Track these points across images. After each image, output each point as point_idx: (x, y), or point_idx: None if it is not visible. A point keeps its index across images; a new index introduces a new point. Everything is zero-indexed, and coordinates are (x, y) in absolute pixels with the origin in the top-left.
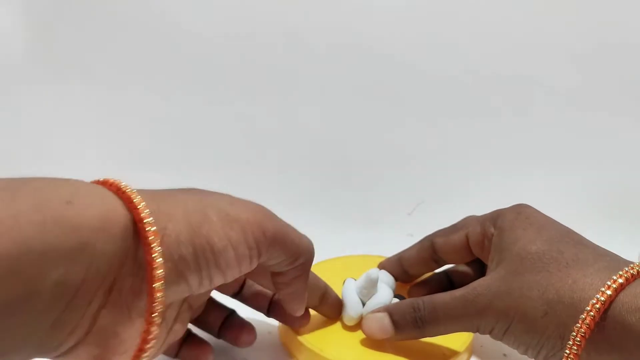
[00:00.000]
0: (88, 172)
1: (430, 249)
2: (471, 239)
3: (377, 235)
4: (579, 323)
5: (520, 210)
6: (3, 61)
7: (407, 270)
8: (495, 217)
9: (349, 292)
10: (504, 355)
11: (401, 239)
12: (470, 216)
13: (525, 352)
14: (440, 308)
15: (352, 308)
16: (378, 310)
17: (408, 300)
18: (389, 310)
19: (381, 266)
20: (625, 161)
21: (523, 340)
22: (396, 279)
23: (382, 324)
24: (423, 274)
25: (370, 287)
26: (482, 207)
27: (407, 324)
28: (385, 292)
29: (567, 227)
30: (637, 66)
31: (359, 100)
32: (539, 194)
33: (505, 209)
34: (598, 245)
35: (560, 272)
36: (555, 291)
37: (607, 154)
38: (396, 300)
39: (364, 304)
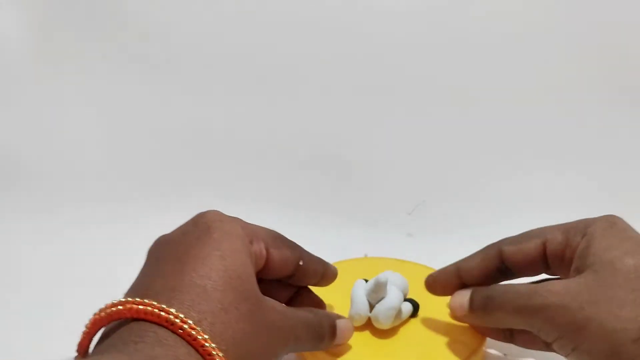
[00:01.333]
0: (89, 171)
1: (497, 259)
2: (550, 247)
3: (377, 234)
4: None
5: (615, 221)
6: (4, 60)
7: (466, 282)
8: (584, 227)
9: (356, 291)
10: (504, 355)
11: (401, 238)
12: (547, 226)
13: None
14: (510, 294)
15: (357, 307)
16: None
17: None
18: (473, 288)
19: (432, 280)
20: (629, 159)
21: None
22: (451, 292)
23: (462, 300)
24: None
25: (378, 290)
26: (483, 206)
27: (479, 306)
28: (394, 295)
29: None
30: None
31: (359, 100)
32: (540, 194)
33: (595, 218)
34: None
35: None
36: None
37: (609, 153)
38: (407, 304)
39: (372, 306)
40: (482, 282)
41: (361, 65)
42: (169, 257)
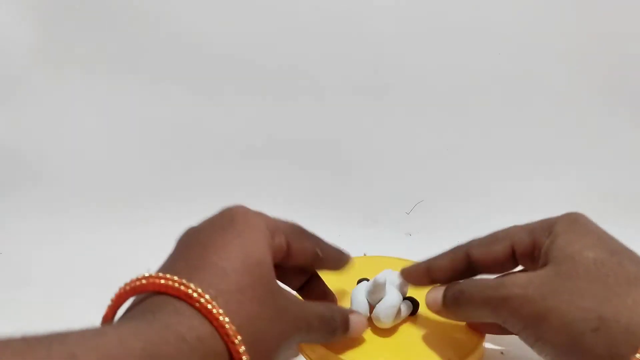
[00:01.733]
0: (89, 170)
1: (465, 261)
2: (518, 250)
3: (376, 234)
4: (638, 354)
5: (577, 218)
6: (8, 60)
7: (435, 280)
8: (549, 226)
9: (356, 292)
10: (501, 353)
11: (400, 238)
12: (513, 226)
13: None
14: (478, 287)
15: (357, 308)
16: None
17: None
18: (447, 285)
19: (406, 273)
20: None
21: (561, 353)
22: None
23: (436, 295)
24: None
25: (377, 291)
26: (482, 206)
27: (451, 301)
28: (393, 295)
29: (626, 245)
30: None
31: (359, 100)
32: (539, 194)
33: (558, 216)
34: None
35: (620, 288)
36: (613, 307)
37: (609, 154)
38: (407, 303)
39: (373, 307)
40: (451, 280)
41: (361, 65)
42: (194, 243)
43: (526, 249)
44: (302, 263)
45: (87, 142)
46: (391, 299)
